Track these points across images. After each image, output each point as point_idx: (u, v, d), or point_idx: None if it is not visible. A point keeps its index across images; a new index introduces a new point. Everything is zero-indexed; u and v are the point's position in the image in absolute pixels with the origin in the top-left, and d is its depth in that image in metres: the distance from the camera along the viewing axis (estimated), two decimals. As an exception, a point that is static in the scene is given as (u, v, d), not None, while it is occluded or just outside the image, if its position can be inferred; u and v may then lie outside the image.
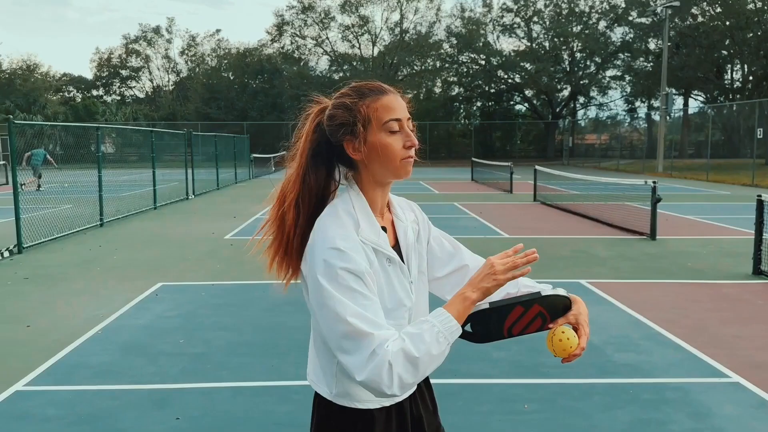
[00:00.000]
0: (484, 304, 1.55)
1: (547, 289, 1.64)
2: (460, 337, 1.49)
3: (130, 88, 59.75)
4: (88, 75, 59.61)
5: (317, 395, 1.70)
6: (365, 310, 1.42)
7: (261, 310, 6.14)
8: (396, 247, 1.65)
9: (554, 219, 13.02)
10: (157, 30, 57.23)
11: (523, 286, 1.72)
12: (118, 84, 59.11)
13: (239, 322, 5.76)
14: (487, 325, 1.55)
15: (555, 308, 1.60)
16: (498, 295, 1.63)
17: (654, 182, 10.33)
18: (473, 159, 28.11)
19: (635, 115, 49.58)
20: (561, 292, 1.61)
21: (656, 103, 42.72)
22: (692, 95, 47.07)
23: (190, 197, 18.34)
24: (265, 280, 7.40)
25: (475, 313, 1.53)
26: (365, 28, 50.74)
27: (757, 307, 6.23)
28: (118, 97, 58.24)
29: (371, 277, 1.48)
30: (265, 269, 1.76)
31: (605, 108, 51.30)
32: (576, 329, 1.59)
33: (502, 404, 3.93)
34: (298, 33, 51.56)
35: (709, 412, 3.81)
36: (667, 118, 33.20)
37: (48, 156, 21.34)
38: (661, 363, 4.64)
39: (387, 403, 1.61)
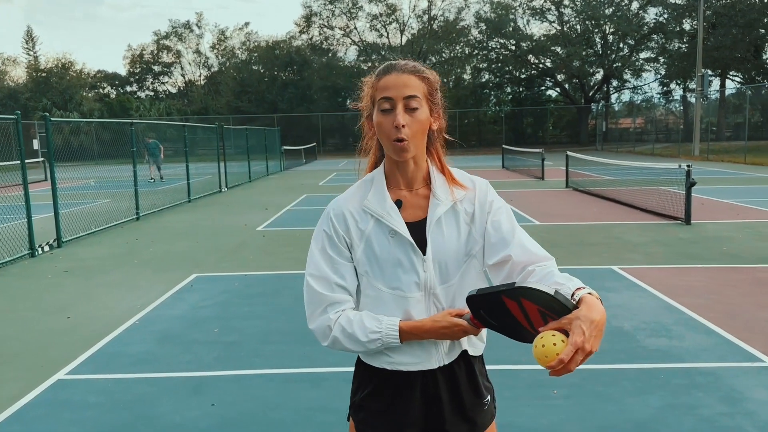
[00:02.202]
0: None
1: (530, 282, 1.48)
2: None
3: (163, 83, 60.65)
4: (122, 71, 60.72)
5: None
6: (331, 271, 1.69)
7: (292, 299, 6.24)
8: (422, 222, 1.69)
9: (586, 205, 12.88)
10: (187, 25, 57.91)
11: (555, 283, 1.52)
12: (151, 80, 60.02)
13: (271, 310, 5.87)
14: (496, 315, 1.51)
15: (550, 308, 1.40)
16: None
17: (688, 166, 10.14)
18: (504, 146, 27.86)
19: (670, 98, 48.51)
20: (546, 289, 1.39)
21: (692, 85, 41.68)
22: (729, 76, 45.76)
23: (223, 190, 18.61)
24: (295, 270, 7.52)
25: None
26: (393, 16, 50.57)
27: (794, 291, 6.10)
28: (152, 93, 59.17)
29: (345, 242, 1.70)
30: (298, 260, 1.88)
31: (639, 91, 50.27)
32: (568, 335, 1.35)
33: (531, 390, 3.95)
34: (326, 24, 51.66)
35: (741, 396, 3.77)
36: (703, 100, 32.40)
37: (160, 146, 22.52)
38: (693, 348, 4.59)
39: (388, 366, 1.72)
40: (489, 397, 1.81)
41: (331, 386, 4.09)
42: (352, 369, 1.87)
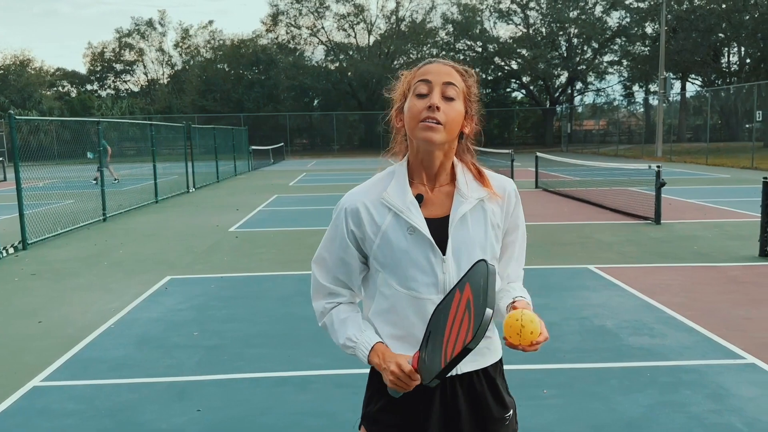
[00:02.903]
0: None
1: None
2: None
3: (125, 82, 59.47)
4: (82, 69, 59.36)
5: None
6: (333, 264, 1.70)
7: (273, 301, 6.15)
8: (444, 219, 1.62)
9: (557, 205, 13.03)
10: (150, 23, 56.89)
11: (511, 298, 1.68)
12: (113, 78, 58.79)
13: (252, 313, 5.76)
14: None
15: (476, 298, 1.38)
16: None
17: (658, 167, 10.33)
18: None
19: (633, 100, 49.54)
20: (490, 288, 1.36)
21: (654, 88, 42.64)
22: (689, 79, 46.99)
23: (190, 190, 18.30)
24: (274, 271, 7.42)
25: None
26: (360, 16, 50.52)
27: (765, 288, 6.25)
28: (113, 92, 57.95)
29: (355, 238, 1.66)
30: (274, 261, 1.83)
31: (603, 93, 51.24)
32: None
33: (522, 390, 3.93)
34: (293, 23, 51.32)
35: (727, 393, 3.82)
36: (665, 102, 33.16)
37: (108, 147, 21.68)
38: (676, 346, 4.65)
39: None
40: (511, 412, 1.73)
41: (319, 389, 4.02)
42: (340, 372, 1.86)
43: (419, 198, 1.62)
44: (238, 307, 5.97)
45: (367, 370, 1.78)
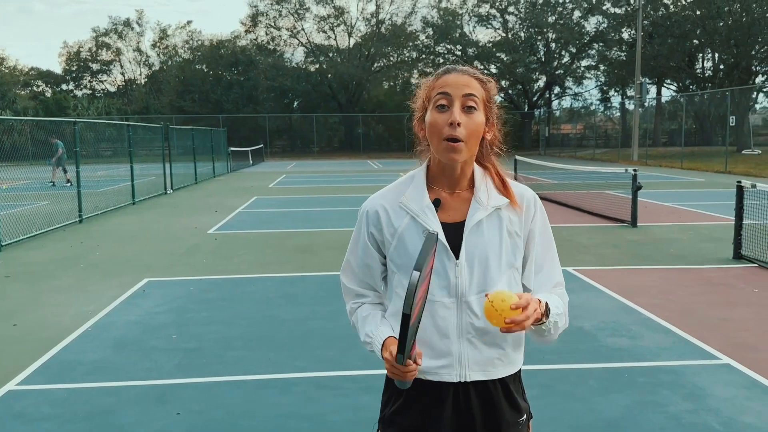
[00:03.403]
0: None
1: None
2: None
3: (101, 81, 58.71)
4: (57, 69, 58.49)
5: None
6: (357, 267, 1.76)
7: (253, 303, 6.11)
8: (460, 224, 1.64)
9: (536, 208, 13.11)
10: (127, 23, 56.26)
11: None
12: (89, 78, 58.01)
13: (232, 316, 5.72)
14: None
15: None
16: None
17: (635, 170, 10.47)
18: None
19: (609, 105, 50.15)
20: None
21: (630, 92, 43.22)
22: (665, 84, 47.72)
23: (168, 192, 18.12)
24: (255, 273, 7.37)
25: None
26: (341, 18, 50.49)
27: (740, 290, 6.37)
28: (89, 92, 57.17)
29: (375, 240, 1.71)
30: (254, 264, 1.83)
31: (580, 98, 51.82)
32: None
33: (502, 391, 3.96)
34: (272, 24, 51.14)
35: (703, 393, 3.89)
36: (641, 107, 33.62)
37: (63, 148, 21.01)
38: (653, 347, 4.72)
39: (421, 377, 1.65)
40: (525, 417, 1.74)
41: (301, 392, 4.01)
42: (323, 374, 1.87)
43: (437, 202, 1.65)
44: (217, 310, 5.92)
45: (352, 372, 1.78)
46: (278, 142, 49.74)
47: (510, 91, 52.15)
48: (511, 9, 47.62)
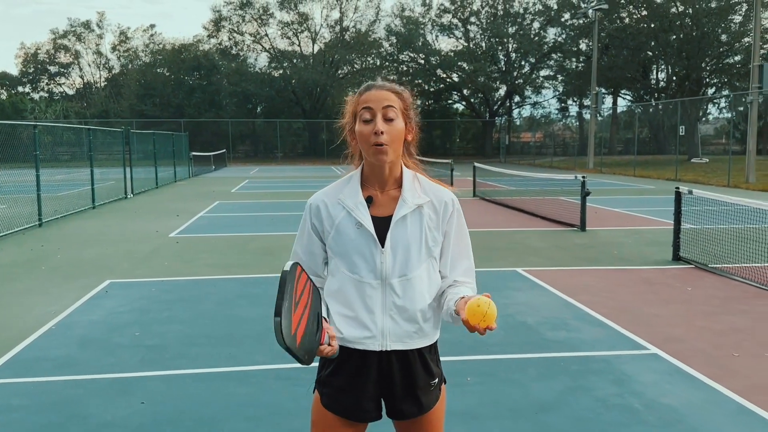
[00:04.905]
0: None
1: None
2: None
3: (59, 84, 57.72)
4: (14, 71, 57.23)
5: None
6: (301, 252, 2.04)
7: (214, 304, 6.31)
8: (388, 218, 1.95)
9: (493, 213, 13.59)
10: (87, 25, 55.45)
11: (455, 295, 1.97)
12: (47, 80, 56.96)
13: (193, 316, 5.91)
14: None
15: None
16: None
17: (583, 177, 10.98)
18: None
19: (567, 114, 51.40)
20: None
21: (587, 102, 44.43)
22: (620, 95, 49.20)
23: (129, 196, 18.07)
24: (216, 275, 7.56)
25: None
26: (305, 25, 50.67)
27: (675, 288, 6.84)
28: (47, 94, 56.09)
29: (316, 229, 1.99)
30: (216, 266, 2.14)
31: (539, 107, 53.01)
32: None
33: (448, 377, 4.24)
34: (236, 29, 51.03)
35: (629, 379, 4.27)
36: (597, 116, 34.66)
37: None
38: (589, 339, 5.11)
39: (350, 345, 1.96)
40: (437, 380, 2.06)
41: (258, 382, 4.26)
42: (280, 366, 2.12)
43: (369, 200, 1.97)
44: (179, 310, 6.11)
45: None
46: (241, 147, 49.60)
47: (472, 100, 53.05)
48: (473, 19, 48.53)
